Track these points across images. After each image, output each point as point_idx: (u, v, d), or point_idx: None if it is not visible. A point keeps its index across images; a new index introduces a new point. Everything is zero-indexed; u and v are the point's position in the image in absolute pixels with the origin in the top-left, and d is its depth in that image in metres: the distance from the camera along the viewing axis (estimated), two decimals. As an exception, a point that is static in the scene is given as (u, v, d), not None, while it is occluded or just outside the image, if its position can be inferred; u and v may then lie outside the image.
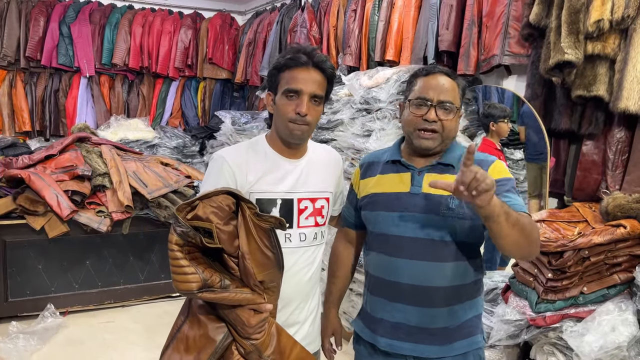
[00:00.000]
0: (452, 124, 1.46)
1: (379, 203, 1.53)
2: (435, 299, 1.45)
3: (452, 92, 1.47)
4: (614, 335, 1.83)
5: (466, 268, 1.48)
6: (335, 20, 4.39)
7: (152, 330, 3.61)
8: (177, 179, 4.12)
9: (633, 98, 2.16)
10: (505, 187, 1.42)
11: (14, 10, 5.19)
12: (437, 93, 1.45)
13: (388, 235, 1.50)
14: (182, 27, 5.88)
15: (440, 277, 1.45)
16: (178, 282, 1.23)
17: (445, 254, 1.45)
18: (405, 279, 1.46)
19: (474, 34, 3.05)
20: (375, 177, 1.57)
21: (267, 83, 1.57)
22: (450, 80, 1.48)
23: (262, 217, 1.29)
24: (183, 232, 1.22)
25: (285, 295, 1.42)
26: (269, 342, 1.32)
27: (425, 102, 1.45)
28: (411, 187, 1.48)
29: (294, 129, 1.47)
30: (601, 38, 2.27)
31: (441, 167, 1.49)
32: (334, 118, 3.71)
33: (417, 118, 1.46)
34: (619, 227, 1.97)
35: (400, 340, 1.48)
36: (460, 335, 1.48)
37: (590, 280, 2.02)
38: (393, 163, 1.55)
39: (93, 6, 5.61)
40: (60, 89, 5.48)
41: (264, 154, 1.53)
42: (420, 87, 1.48)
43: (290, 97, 1.46)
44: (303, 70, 1.46)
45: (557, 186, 2.67)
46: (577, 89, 2.34)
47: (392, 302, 1.49)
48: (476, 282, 1.53)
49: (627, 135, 2.33)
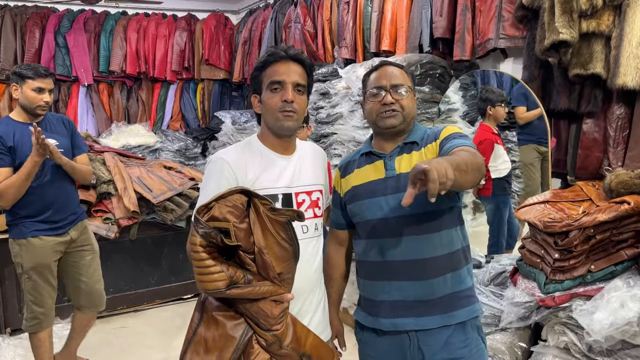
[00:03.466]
0: (409, 102, 1.60)
1: (361, 194, 1.63)
2: (429, 270, 1.53)
3: (401, 76, 1.61)
4: (624, 312, 1.84)
5: (452, 235, 1.57)
6: (329, 14, 4.38)
7: (166, 332, 3.64)
8: (181, 181, 4.15)
9: (630, 74, 2.15)
10: (455, 137, 1.53)
11: (9, 23, 5.20)
12: (389, 79, 1.60)
13: (374, 219, 1.59)
14: (177, 30, 5.87)
15: (430, 248, 1.53)
16: (206, 282, 1.25)
17: (430, 225, 1.54)
18: (397, 256, 1.55)
19: (467, 19, 3.04)
20: (354, 172, 1.68)
21: (252, 85, 1.64)
22: (397, 69, 1.63)
23: (279, 211, 1.33)
24: (205, 233, 1.24)
25: (296, 286, 1.45)
26: (287, 332, 1.36)
27: (380, 89, 1.60)
28: (386, 172, 1.60)
29: (284, 118, 1.53)
30: (595, 15, 2.26)
31: (408, 147, 1.61)
32: (333, 112, 3.71)
33: (377, 104, 1.60)
34: (623, 203, 1.97)
35: (402, 317, 1.55)
36: (460, 304, 1.56)
37: (597, 258, 2.02)
38: (366, 155, 1.67)
39: (87, 14, 5.61)
40: (60, 99, 5.49)
41: (259, 152, 1.59)
42: (373, 79, 1.64)
43: (274, 90, 1.54)
44: (282, 64, 1.55)
45: (560, 166, 2.67)
46: (574, 68, 2.34)
47: (389, 282, 1.57)
48: (464, 249, 1.61)
49: (626, 111, 2.32)
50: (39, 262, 2.60)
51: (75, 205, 2.79)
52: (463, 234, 1.63)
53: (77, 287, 2.81)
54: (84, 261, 2.79)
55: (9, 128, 2.54)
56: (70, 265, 2.76)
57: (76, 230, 2.73)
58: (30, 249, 2.57)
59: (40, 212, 2.58)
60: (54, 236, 2.63)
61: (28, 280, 2.61)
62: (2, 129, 2.53)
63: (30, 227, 2.57)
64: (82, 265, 2.79)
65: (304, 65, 1.58)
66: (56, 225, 2.63)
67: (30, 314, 2.65)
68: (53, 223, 2.62)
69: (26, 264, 2.59)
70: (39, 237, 2.58)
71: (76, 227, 2.73)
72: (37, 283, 2.62)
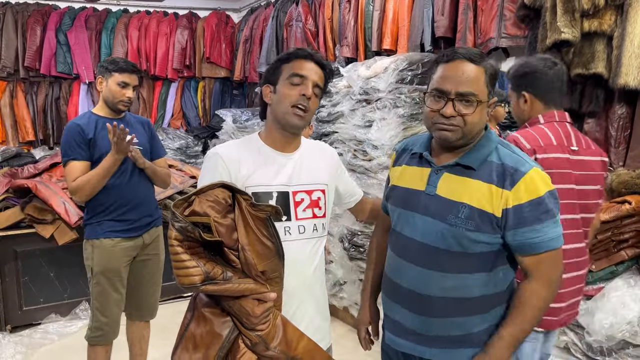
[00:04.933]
0: (474, 117, 1.32)
1: (398, 198, 1.51)
2: (431, 308, 1.39)
3: (474, 81, 1.32)
4: (624, 312, 1.84)
5: (471, 281, 1.36)
6: (330, 12, 4.38)
7: (166, 330, 3.62)
8: (181, 180, 4.15)
9: (632, 73, 2.15)
10: (534, 214, 1.29)
11: (10, 20, 5.20)
12: (456, 84, 1.31)
13: (400, 234, 1.48)
14: (178, 27, 5.87)
15: (438, 287, 1.38)
16: (180, 276, 1.24)
17: (447, 264, 1.36)
18: (405, 282, 1.44)
19: (469, 18, 3.04)
20: (402, 167, 1.53)
21: (266, 76, 1.58)
22: (473, 67, 1.32)
23: (258, 207, 1.29)
24: (181, 227, 1.22)
25: (290, 288, 1.43)
26: (275, 334, 1.33)
27: (442, 95, 1.33)
28: (427, 186, 1.41)
29: (294, 116, 1.50)
30: (597, 15, 2.26)
31: (460, 169, 1.37)
32: (334, 110, 3.71)
33: (434, 113, 1.34)
34: (624, 203, 1.97)
35: (401, 338, 1.48)
36: (470, 343, 1.39)
37: (598, 258, 2.02)
38: (419, 155, 1.48)
39: (88, 12, 5.61)
40: (61, 97, 5.50)
41: (257, 149, 1.56)
42: (438, 77, 1.35)
43: (294, 84, 1.50)
44: (307, 61, 1.53)
45: (561, 166, 2.66)
46: (575, 68, 2.34)
47: (393, 302, 1.50)
48: (484, 298, 1.38)
49: (628, 111, 2.32)
50: (109, 265, 2.49)
51: (153, 208, 2.67)
52: (495, 280, 1.38)
53: (130, 296, 2.67)
54: (146, 270, 2.68)
55: (90, 121, 2.46)
56: (131, 273, 2.61)
57: (150, 236, 2.62)
58: (102, 250, 2.48)
59: (116, 209, 2.48)
60: (127, 239, 2.52)
61: (96, 286, 2.50)
62: (83, 121, 2.45)
63: (105, 226, 2.48)
64: (144, 274, 2.68)
65: (325, 71, 1.57)
66: (131, 227, 2.52)
67: (95, 322, 2.53)
68: (128, 223, 2.51)
69: (96, 267, 2.48)
70: (111, 239, 2.48)
71: (150, 232, 2.62)
72: (105, 289, 2.51)
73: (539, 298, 1.32)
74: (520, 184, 1.29)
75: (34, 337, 3.54)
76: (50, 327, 3.66)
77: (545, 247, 1.30)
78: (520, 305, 1.33)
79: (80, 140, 2.40)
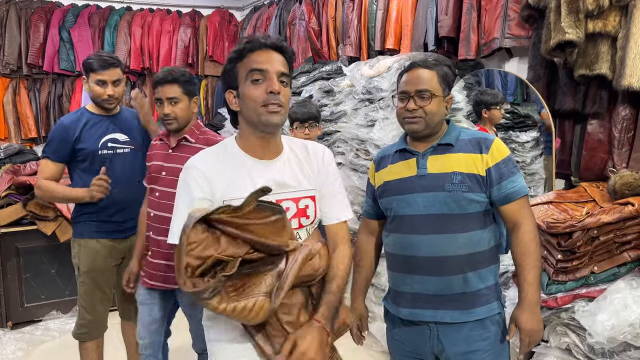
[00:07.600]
0: (432, 107, 1.63)
1: (392, 190, 1.71)
2: (450, 268, 1.60)
3: (428, 81, 1.65)
4: (626, 313, 1.83)
5: (478, 236, 1.62)
6: (334, 11, 4.37)
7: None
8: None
9: (636, 75, 2.14)
10: (508, 168, 1.62)
11: (14, 17, 5.21)
12: (414, 85, 1.65)
13: (403, 216, 1.67)
14: (181, 26, 5.88)
15: (453, 247, 1.60)
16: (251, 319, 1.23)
17: (455, 226, 1.60)
18: (421, 252, 1.62)
19: (473, 18, 3.03)
20: (387, 168, 1.75)
21: (225, 81, 1.45)
22: (427, 71, 1.66)
23: (242, 207, 1.24)
24: (214, 290, 1.19)
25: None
26: None
27: (405, 95, 1.66)
28: (417, 170, 1.66)
29: (269, 114, 1.36)
30: (601, 16, 2.25)
31: (442, 148, 1.66)
32: (336, 110, 3.71)
33: (402, 110, 1.67)
34: (627, 205, 1.96)
35: (421, 309, 1.65)
36: (479, 302, 1.62)
37: (600, 259, 2.01)
38: (400, 152, 1.73)
39: (92, 9, 5.61)
40: (64, 94, 5.51)
41: (233, 157, 1.43)
42: (402, 83, 1.69)
43: (256, 81, 1.36)
44: (263, 53, 1.38)
45: (564, 167, 2.66)
46: (579, 69, 2.33)
47: (410, 275, 1.66)
48: (491, 249, 1.66)
49: (632, 112, 2.31)
50: (93, 266, 2.48)
51: None
52: (495, 233, 1.69)
53: (122, 297, 2.66)
54: None
55: (80, 117, 2.44)
56: (120, 274, 2.55)
57: None
58: (88, 250, 2.47)
59: (103, 210, 2.45)
60: (113, 240, 2.50)
61: (82, 285, 2.51)
62: (72, 119, 2.43)
63: (91, 227, 2.46)
64: None
65: (286, 54, 1.41)
66: (118, 228, 2.50)
67: (80, 320, 2.56)
68: (115, 225, 2.49)
69: (82, 266, 2.49)
70: (96, 240, 2.46)
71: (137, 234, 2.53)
72: (90, 288, 2.51)
73: (535, 235, 1.61)
74: (492, 148, 1.62)
75: (35, 334, 3.55)
76: (51, 324, 3.67)
77: (522, 192, 1.61)
78: (525, 250, 1.59)
79: (60, 141, 2.40)
